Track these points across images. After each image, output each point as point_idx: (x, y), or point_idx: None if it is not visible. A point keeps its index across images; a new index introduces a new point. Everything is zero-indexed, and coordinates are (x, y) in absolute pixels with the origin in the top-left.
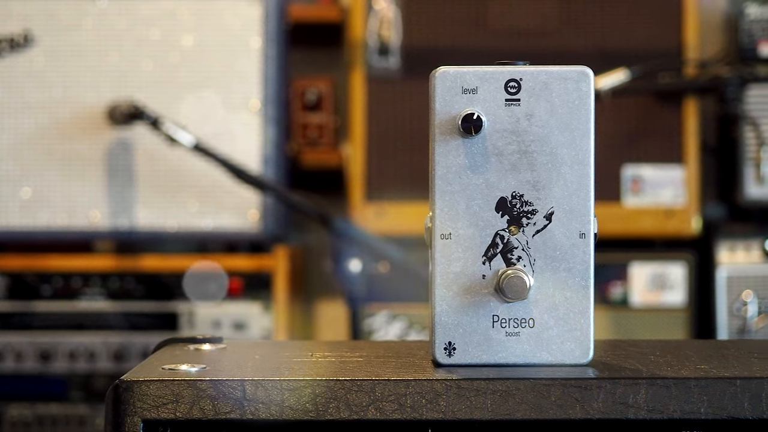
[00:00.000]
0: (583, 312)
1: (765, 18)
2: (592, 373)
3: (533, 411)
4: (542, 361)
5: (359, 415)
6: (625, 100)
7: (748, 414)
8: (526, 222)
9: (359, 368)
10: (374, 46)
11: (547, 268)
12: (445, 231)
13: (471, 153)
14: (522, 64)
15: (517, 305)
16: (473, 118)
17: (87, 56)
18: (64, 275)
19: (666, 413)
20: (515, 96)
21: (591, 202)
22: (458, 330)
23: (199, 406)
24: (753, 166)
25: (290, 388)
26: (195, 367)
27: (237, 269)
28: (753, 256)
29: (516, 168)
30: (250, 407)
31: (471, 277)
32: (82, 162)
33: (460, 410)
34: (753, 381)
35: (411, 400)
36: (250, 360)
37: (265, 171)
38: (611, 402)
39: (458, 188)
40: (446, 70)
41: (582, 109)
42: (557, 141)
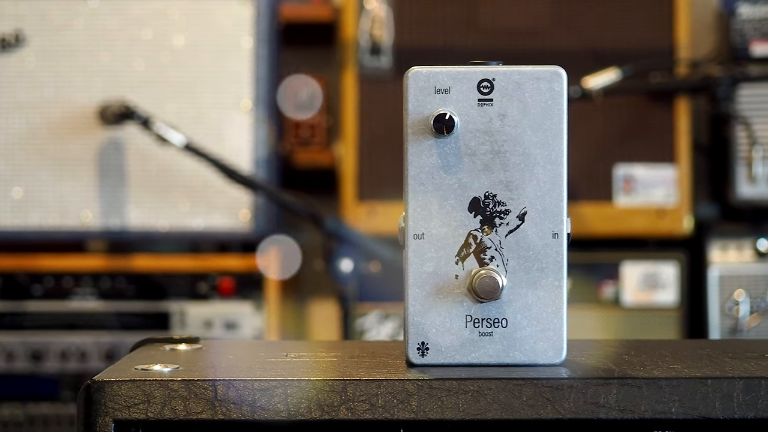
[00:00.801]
0: (556, 312)
1: (757, 17)
2: (565, 373)
3: (505, 411)
4: (515, 361)
5: (331, 415)
6: (617, 100)
7: (719, 414)
8: (499, 222)
9: (332, 368)
10: (366, 46)
11: (520, 268)
12: (418, 231)
13: (444, 153)
14: (495, 64)
15: (490, 305)
16: (445, 118)
17: (78, 56)
18: (56, 275)
19: (637, 413)
20: (488, 96)
21: (564, 202)
22: (431, 330)
23: (170, 407)
24: (745, 165)
25: (261, 388)
26: (168, 367)
27: (228, 269)
28: (745, 256)
29: (489, 168)
30: (222, 407)
31: (444, 277)
32: (74, 162)
33: (431, 410)
34: (724, 381)
35: (382, 400)
36: (224, 360)
37: (256, 171)
38: (582, 402)
39: (431, 188)
40: (419, 70)
41: (555, 109)
42: (530, 141)
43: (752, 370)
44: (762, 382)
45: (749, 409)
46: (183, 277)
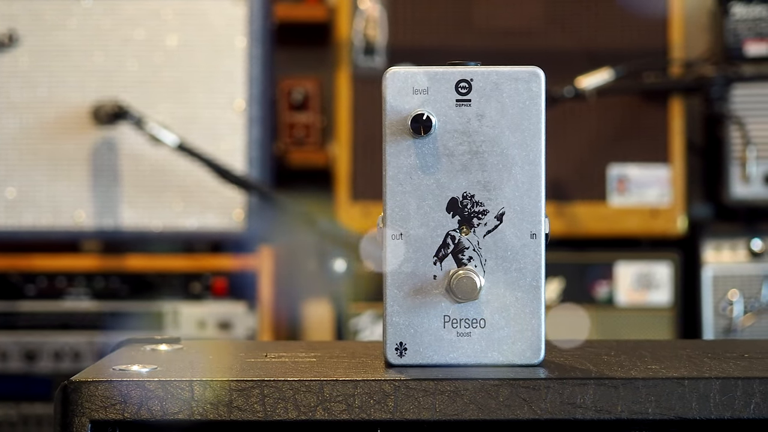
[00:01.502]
0: (534, 312)
1: (751, 17)
2: (542, 374)
3: (481, 411)
4: (493, 361)
5: (307, 415)
6: (611, 100)
7: (695, 414)
8: (477, 222)
9: (310, 369)
10: (360, 46)
11: (498, 268)
12: (396, 231)
13: (422, 153)
14: (473, 65)
15: (468, 305)
16: (423, 119)
17: (72, 56)
18: (49, 275)
19: (614, 413)
20: (466, 96)
21: (542, 203)
22: (409, 330)
23: (147, 407)
24: (739, 165)
25: (238, 388)
26: (146, 367)
27: (222, 269)
28: (739, 256)
29: (467, 168)
30: (198, 408)
31: (422, 277)
32: (67, 162)
33: (408, 410)
34: (701, 381)
35: (359, 400)
36: (203, 360)
37: (249, 171)
38: (559, 402)
39: (409, 189)
40: (397, 70)
41: (533, 110)
42: (508, 141)
43: (730, 370)
44: (739, 383)
45: (726, 410)
46: (176, 277)
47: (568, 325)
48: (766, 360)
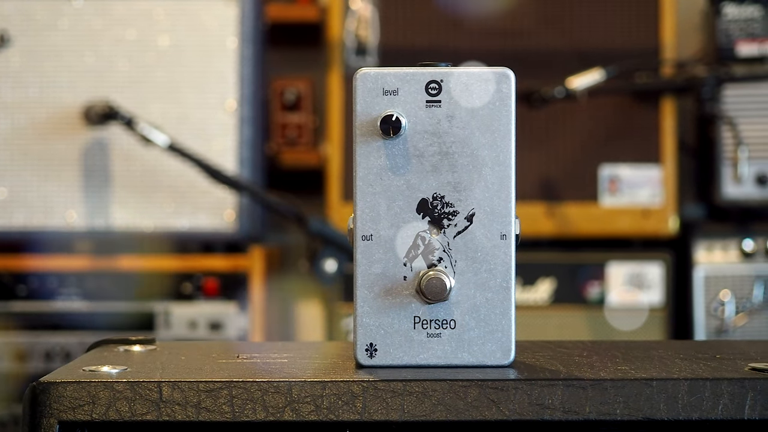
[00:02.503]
0: (504, 313)
1: (743, 18)
2: (511, 375)
3: (449, 412)
4: (463, 362)
5: (275, 416)
6: (602, 100)
7: (663, 415)
8: (447, 223)
9: (280, 370)
10: (351, 46)
11: (468, 269)
12: (366, 232)
13: (392, 154)
14: (444, 65)
15: (439, 306)
16: (392, 120)
17: (63, 56)
18: (40, 275)
19: (582, 414)
20: (436, 97)
21: (512, 203)
22: (380, 331)
23: (115, 408)
24: (730, 165)
25: (206, 389)
26: (116, 368)
27: (213, 269)
28: (730, 256)
29: (437, 169)
30: (167, 409)
31: (392, 278)
32: (59, 162)
33: (376, 411)
34: (669, 382)
35: (327, 401)
36: (174, 361)
37: (241, 171)
38: (527, 403)
39: (379, 189)
40: (367, 71)
41: (503, 111)
42: (478, 142)
43: (699, 371)
44: (707, 384)
45: (694, 411)
46: (167, 278)
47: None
48: (737, 361)
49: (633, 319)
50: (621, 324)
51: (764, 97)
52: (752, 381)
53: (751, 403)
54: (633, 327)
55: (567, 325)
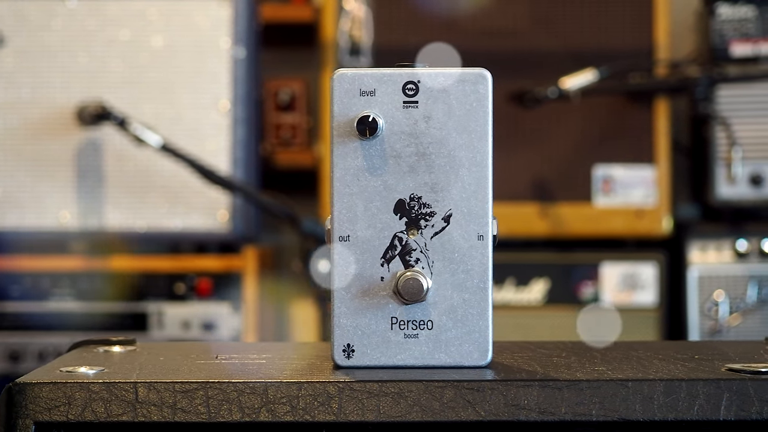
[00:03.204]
0: (481, 314)
1: (736, 18)
2: (488, 375)
3: (425, 413)
4: (441, 362)
5: (251, 417)
6: (596, 100)
7: (639, 416)
8: (425, 224)
9: (257, 370)
10: (345, 47)
11: (445, 270)
12: (343, 233)
13: (369, 155)
14: (421, 66)
15: (416, 307)
16: (368, 120)
17: (57, 57)
18: (34, 276)
19: (557, 415)
20: (413, 98)
21: (489, 204)
22: (357, 332)
23: (91, 409)
24: (724, 166)
25: (182, 390)
26: (93, 369)
27: (206, 270)
28: (724, 256)
29: (414, 170)
30: (142, 409)
31: (369, 279)
32: (52, 162)
33: (352, 412)
34: (645, 383)
35: (303, 402)
36: (152, 362)
37: (234, 171)
38: (503, 404)
39: (356, 190)
40: (344, 72)
41: (480, 111)
42: (455, 143)
43: (675, 371)
44: (683, 384)
45: (669, 411)
46: (161, 278)
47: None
48: (715, 362)
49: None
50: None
51: (758, 97)
52: (728, 382)
53: (726, 404)
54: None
55: (561, 325)
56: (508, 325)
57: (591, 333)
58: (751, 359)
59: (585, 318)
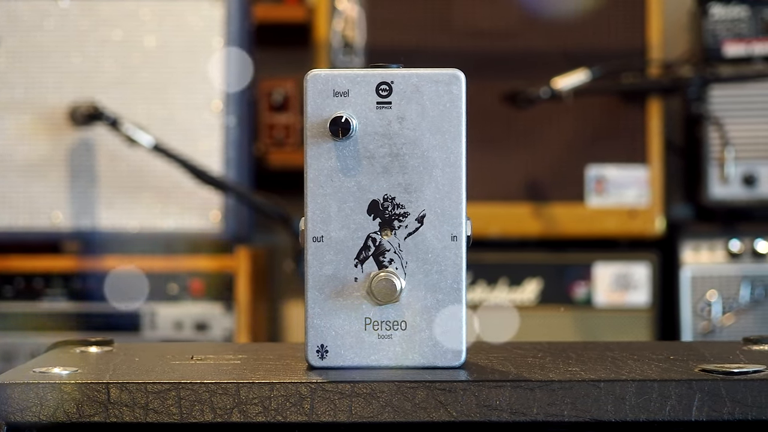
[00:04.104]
0: (454, 314)
1: (729, 18)
2: (461, 376)
3: (397, 414)
4: (415, 363)
5: (223, 418)
6: (589, 101)
7: (611, 416)
8: (398, 224)
9: (230, 371)
10: (338, 47)
11: (419, 270)
12: (317, 233)
13: (342, 156)
14: (395, 67)
15: (389, 308)
16: (341, 121)
17: (49, 57)
18: (26, 276)
19: (529, 415)
20: (386, 99)
21: (463, 205)
22: (330, 332)
23: (63, 410)
24: (717, 166)
25: (155, 391)
26: (67, 370)
27: (199, 270)
28: (717, 257)
29: (387, 171)
30: (114, 410)
31: (343, 279)
32: (45, 163)
33: (324, 413)
34: (617, 383)
35: (275, 402)
36: (127, 363)
37: (227, 172)
38: (475, 404)
39: (330, 191)
40: (317, 73)
41: (453, 112)
42: (428, 144)
43: (648, 372)
44: (654, 385)
45: (641, 412)
46: (153, 278)
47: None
48: (689, 362)
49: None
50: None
51: (751, 97)
52: (700, 382)
53: (698, 404)
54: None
55: (553, 325)
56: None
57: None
58: (726, 360)
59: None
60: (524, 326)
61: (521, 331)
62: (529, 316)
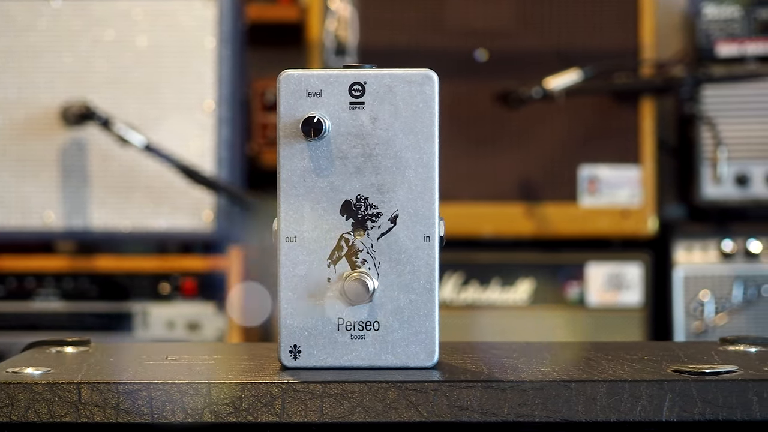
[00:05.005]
0: (427, 315)
1: (722, 18)
2: (433, 376)
3: (368, 414)
4: (387, 363)
5: (194, 418)
6: (582, 101)
7: (581, 417)
8: (371, 225)
9: (203, 371)
10: (331, 47)
11: (391, 271)
12: (290, 234)
13: (315, 156)
14: (369, 67)
15: (362, 308)
16: (313, 122)
17: (41, 56)
18: (18, 276)
19: (500, 416)
20: (359, 99)
21: (436, 205)
22: (303, 333)
23: (34, 410)
24: (710, 166)
25: (126, 391)
26: (39, 370)
27: (191, 269)
28: (710, 257)
29: (360, 171)
30: (85, 410)
31: (316, 280)
32: (36, 162)
33: (295, 413)
34: (588, 384)
35: (246, 403)
36: (101, 363)
37: (219, 172)
38: (446, 405)
39: (303, 191)
40: (291, 73)
41: (426, 112)
42: (401, 144)
43: (620, 373)
44: (625, 386)
45: (612, 412)
46: (145, 278)
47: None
48: (663, 363)
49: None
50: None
51: (744, 97)
52: (671, 383)
53: (669, 405)
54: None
55: (546, 325)
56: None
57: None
58: (700, 360)
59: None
60: (517, 326)
61: (514, 331)
62: (521, 316)
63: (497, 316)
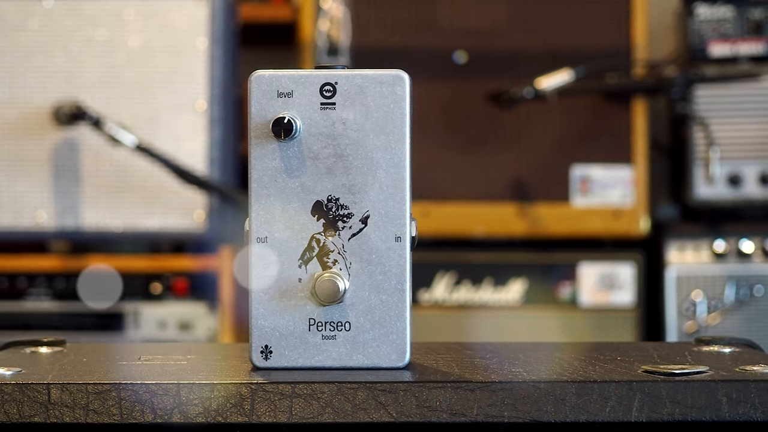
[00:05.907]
0: (398, 315)
1: (715, 18)
2: (403, 377)
3: (337, 414)
4: (359, 364)
5: (164, 419)
6: (574, 101)
7: (550, 417)
8: (342, 225)
9: (174, 372)
10: (323, 47)
11: (362, 271)
12: (261, 234)
13: (287, 157)
14: (340, 68)
15: (333, 308)
16: (284, 122)
17: (33, 56)
18: (10, 275)
19: (469, 417)
20: (330, 100)
21: (407, 205)
22: (274, 333)
23: (3, 410)
24: (702, 166)
25: (95, 391)
26: (10, 370)
27: (183, 269)
28: (702, 257)
29: (332, 171)
30: (55, 411)
31: (287, 280)
32: (28, 162)
33: (264, 414)
34: (557, 384)
35: (216, 403)
36: (73, 363)
37: (211, 171)
38: (415, 405)
39: (274, 192)
40: (262, 74)
41: (397, 113)
42: (372, 145)
43: (590, 373)
44: (595, 386)
45: (581, 413)
46: (137, 278)
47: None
48: (635, 363)
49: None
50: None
51: (736, 97)
52: (640, 383)
53: (638, 405)
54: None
55: (539, 325)
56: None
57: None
58: (673, 360)
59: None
60: (509, 326)
61: (506, 331)
62: (514, 316)
63: (489, 316)
